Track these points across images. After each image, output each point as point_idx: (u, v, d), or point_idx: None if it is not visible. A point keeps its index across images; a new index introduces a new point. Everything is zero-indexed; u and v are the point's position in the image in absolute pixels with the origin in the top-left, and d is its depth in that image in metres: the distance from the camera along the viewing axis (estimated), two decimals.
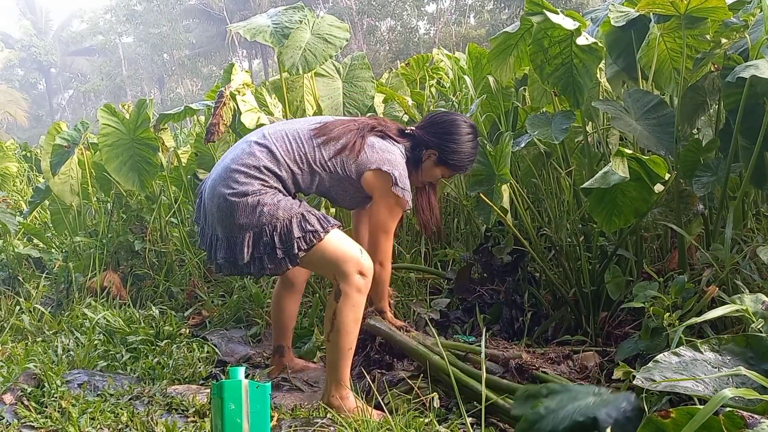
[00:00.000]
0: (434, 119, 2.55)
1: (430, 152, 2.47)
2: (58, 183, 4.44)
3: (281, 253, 2.21)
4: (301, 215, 2.23)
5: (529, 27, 2.67)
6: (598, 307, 2.78)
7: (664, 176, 2.28)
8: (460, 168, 2.56)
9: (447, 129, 2.48)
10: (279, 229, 2.20)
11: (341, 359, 2.28)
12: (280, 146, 2.32)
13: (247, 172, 2.25)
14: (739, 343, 1.58)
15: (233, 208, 2.22)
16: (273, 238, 2.20)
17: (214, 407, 1.68)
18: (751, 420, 1.18)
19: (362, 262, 2.26)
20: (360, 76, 3.64)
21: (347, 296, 2.23)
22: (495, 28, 23.49)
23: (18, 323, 3.49)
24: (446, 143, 2.46)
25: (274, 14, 3.25)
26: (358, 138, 2.35)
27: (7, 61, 41.20)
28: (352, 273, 2.24)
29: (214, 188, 2.30)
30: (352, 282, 2.24)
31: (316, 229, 2.22)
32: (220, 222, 2.27)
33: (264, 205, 2.21)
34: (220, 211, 2.26)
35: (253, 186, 2.23)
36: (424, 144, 2.47)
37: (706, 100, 2.75)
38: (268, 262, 2.23)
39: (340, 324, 2.24)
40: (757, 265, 2.43)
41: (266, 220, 2.20)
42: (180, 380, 2.67)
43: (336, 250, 2.25)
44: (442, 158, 2.48)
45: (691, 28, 2.57)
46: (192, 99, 29.48)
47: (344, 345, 2.26)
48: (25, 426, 2.13)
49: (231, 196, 2.23)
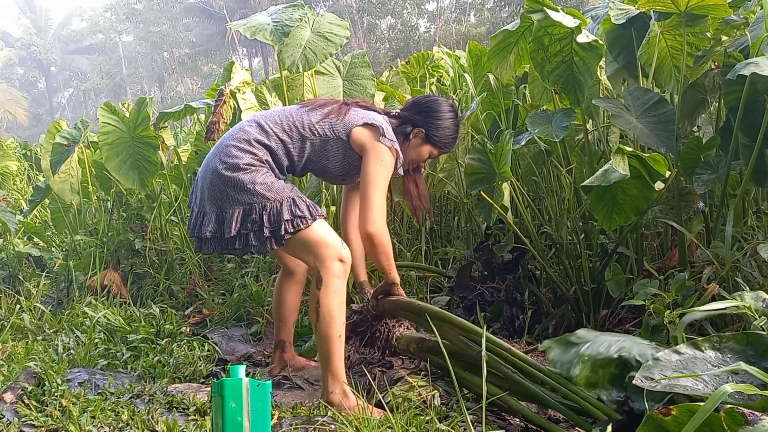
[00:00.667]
0: (417, 100, 2.66)
1: (417, 130, 2.55)
2: (58, 181, 4.44)
3: (268, 232, 2.26)
4: (291, 200, 2.29)
5: (529, 25, 2.67)
6: (599, 304, 2.78)
7: (665, 174, 2.28)
8: (445, 145, 2.61)
9: (430, 107, 2.57)
10: (269, 208, 2.27)
11: (332, 348, 2.29)
12: (269, 120, 2.42)
13: (238, 145, 2.34)
14: (740, 340, 1.58)
15: (226, 182, 2.29)
16: (262, 216, 2.26)
17: (214, 406, 1.68)
18: (751, 417, 1.18)
19: (342, 251, 2.31)
20: (360, 75, 3.64)
21: (327, 283, 2.27)
22: (495, 26, 23.48)
23: (18, 322, 3.49)
24: (431, 120, 2.55)
25: (274, 12, 3.25)
26: (343, 105, 2.48)
27: (7, 60, 41.19)
28: (331, 259, 2.28)
29: (207, 165, 2.39)
30: (331, 268, 2.27)
31: (304, 215, 2.28)
32: (212, 197, 2.32)
33: (256, 183, 2.28)
34: (212, 185, 2.32)
35: (245, 159, 2.30)
36: (411, 122, 2.56)
37: (706, 97, 2.76)
38: (253, 239, 2.28)
39: (325, 311, 2.26)
40: (757, 263, 2.43)
41: (257, 198, 2.27)
42: (180, 379, 2.68)
43: (318, 238, 2.30)
44: (428, 135, 2.55)
45: (691, 25, 2.57)
46: (192, 97, 29.49)
47: (333, 332, 2.27)
48: (25, 425, 2.13)
49: (224, 170, 2.30)
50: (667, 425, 1.29)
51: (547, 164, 3.17)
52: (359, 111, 2.48)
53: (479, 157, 2.83)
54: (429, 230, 3.93)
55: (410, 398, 2.26)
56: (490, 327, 2.85)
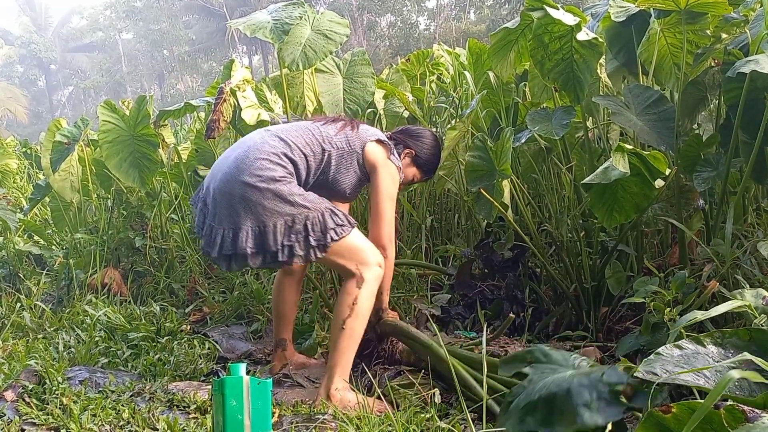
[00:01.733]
0: (407, 128, 2.86)
1: (408, 151, 2.72)
2: (58, 180, 4.44)
3: (313, 241, 2.30)
4: (329, 209, 2.35)
5: (529, 22, 2.67)
6: (599, 302, 2.78)
7: (665, 171, 2.28)
8: (428, 171, 2.81)
9: (420, 134, 2.78)
10: (312, 218, 2.30)
11: (351, 346, 2.35)
12: (288, 134, 2.45)
13: (269, 158, 2.34)
14: (743, 336, 1.58)
15: (263, 195, 2.27)
16: (306, 226, 2.29)
17: (215, 404, 1.68)
18: (751, 414, 1.18)
19: (380, 257, 2.42)
20: (360, 72, 3.64)
21: (368, 283, 2.35)
22: (495, 24, 23.46)
23: (19, 320, 3.49)
24: (419, 143, 2.74)
25: (274, 10, 3.24)
26: (352, 121, 2.61)
27: (7, 58, 41.17)
28: (374, 263, 2.38)
29: (233, 180, 2.31)
30: (374, 271, 2.37)
31: (344, 223, 2.36)
32: (247, 211, 2.28)
33: (294, 195, 2.30)
34: (246, 200, 2.28)
35: (278, 171, 2.32)
36: (403, 143, 2.72)
37: (706, 95, 2.75)
38: (299, 249, 2.30)
39: (359, 310, 2.33)
40: (757, 260, 2.43)
41: (299, 209, 2.29)
42: (181, 377, 2.68)
43: (359, 243, 2.40)
44: (417, 158, 2.73)
45: (691, 23, 2.57)
46: (192, 95, 29.46)
47: (359, 331, 2.35)
48: (26, 423, 2.13)
49: (259, 183, 2.28)
50: (667, 423, 1.30)
51: (547, 162, 3.17)
52: (368, 128, 2.62)
53: (479, 155, 2.83)
54: (429, 228, 3.93)
55: (410, 396, 2.27)
56: (490, 325, 2.85)
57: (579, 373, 1.73)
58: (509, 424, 1.77)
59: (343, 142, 2.49)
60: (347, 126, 2.54)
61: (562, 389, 1.69)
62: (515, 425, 1.76)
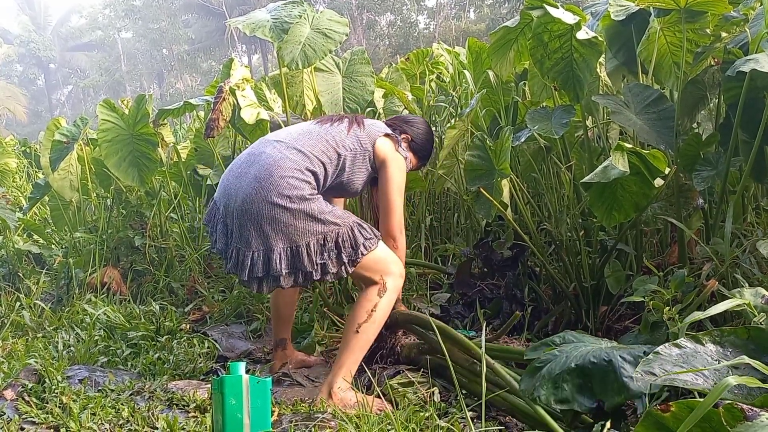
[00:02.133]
0: (399, 116, 2.94)
1: (404, 136, 2.72)
2: (57, 179, 4.44)
3: (345, 258, 2.32)
4: (357, 223, 2.37)
5: (528, 21, 2.67)
6: (598, 301, 2.78)
7: (664, 170, 2.28)
8: (423, 157, 2.82)
9: (413, 120, 2.81)
10: (342, 235, 2.31)
11: (361, 350, 2.37)
12: (303, 144, 2.41)
13: (294, 176, 2.31)
14: (741, 335, 1.58)
15: (294, 216, 2.26)
16: (337, 243, 2.31)
17: (214, 402, 1.68)
18: (750, 413, 1.18)
19: (401, 266, 2.48)
20: (360, 71, 3.63)
21: (389, 293, 2.39)
22: (495, 23, 23.45)
23: (18, 319, 3.49)
24: (414, 129, 2.76)
25: (273, 9, 3.24)
26: (356, 117, 2.62)
27: (6, 57, 41.12)
28: (397, 273, 2.43)
29: (260, 200, 2.26)
30: (397, 281, 2.43)
31: (372, 236, 2.38)
32: (278, 232, 2.25)
33: (324, 212, 2.30)
34: (276, 221, 2.25)
35: (306, 189, 2.31)
36: (400, 129, 2.73)
37: (706, 94, 2.75)
38: (331, 266, 2.31)
39: (376, 317, 2.36)
40: (756, 259, 2.43)
41: (330, 227, 2.30)
42: (180, 376, 2.68)
43: (386, 254, 2.44)
44: (413, 143, 2.74)
45: (691, 22, 2.57)
46: (191, 94, 29.45)
47: (372, 337, 2.38)
48: (26, 422, 2.13)
49: (291, 203, 2.26)
50: (666, 422, 1.30)
51: (546, 161, 3.17)
52: (372, 121, 2.64)
53: (479, 154, 2.82)
54: (429, 227, 3.93)
55: (409, 395, 2.27)
56: (489, 324, 2.85)
57: (616, 347, 1.81)
58: (544, 390, 1.81)
59: (355, 143, 2.49)
60: (354, 124, 2.55)
61: (602, 359, 1.74)
62: (549, 391, 1.80)
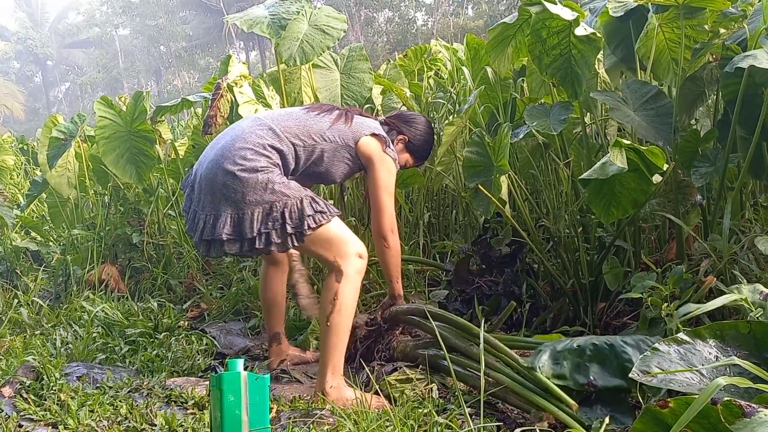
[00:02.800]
0: (401, 113, 2.89)
1: (401, 137, 2.74)
2: (55, 176, 4.43)
3: (290, 229, 2.29)
4: (310, 197, 2.34)
5: (527, 17, 2.66)
6: (597, 297, 2.78)
7: (662, 167, 2.28)
8: (420, 157, 2.84)
9: (415, 119, 2.81)
10: (289, 206, 2.29)
11: (339, 342, 2.32)
12: (280, 124, 2.44)
13: (254, 149, 2.34)
14: (743, 329, 1.58)
15: (243, 184, 2.28)
16: (283, 214, 2.28)
17: (213, 399, 1.68)
18: (748, 409, 1.18)
19: (361, 247, 2.39)
20: (358, 68, 3.63)
21: (348, 276, 2.32)
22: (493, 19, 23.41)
23: (16, 316, 3.49)
24: (413, 130, 2.77)
25: (271, 5, 3.23)
26: (347, 111, 2.60)
27: (3, 54, 41.00)
28: (353, 254, 2.35)
29: (217, 167, 2.34)
30: (353, 263, 2.34)
31: (324, 211, 2.33)
32: (227, 198, 2.30)
33: (274, 183, 2.30)
34: (227, 188, 2.30)
35: (261, 162, 2.32)
36: (397, 129, 2.74)
37: (704, 90, 2.75)
38: (275, 237, 2.29)
39: (342, 304, 2.31)
40: (754, 256, 2.43)
41: (278, 197, 2.29)
42: (179, 372, 2.68)
43: (339, 233, 2.37)
44: (410, 144, 2.76)
45: (689, 18, 2.57)
46: (189, 91, 29.41)
47: (344, 326, 2.32)
48: (24, 419, 2.13)
49: (240, 172, 2.29)
50: (665, 417, 1.30)
51: (545, 157, 3.17)
52: (363, 119, 2.60)
53: (477, 150, 2.82)
54: (427, 224, 3.93)
55: (407, 391, 2.27)
56: (488, 320, 2.85)
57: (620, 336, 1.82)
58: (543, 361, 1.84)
59: (336, 136, 2.48)
60: (341, 118, 2.53)
61: (603, 342, 1.79)
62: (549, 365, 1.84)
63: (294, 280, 2.76)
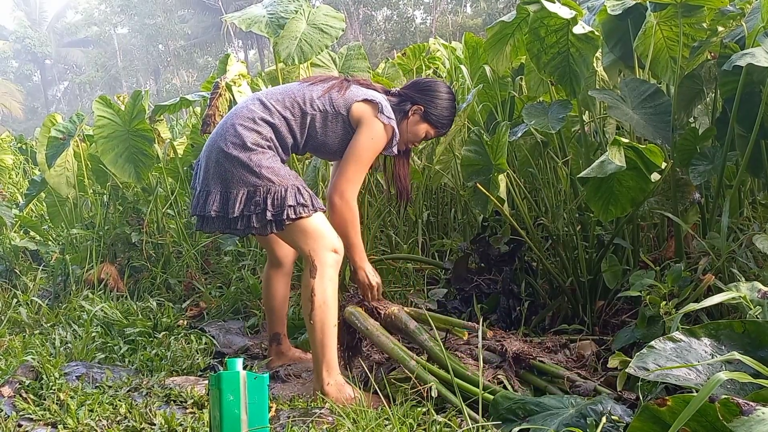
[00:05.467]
0: (417, 81, 2.72)
1: (416, 107, 2.58)
2: (54, 175, 4.43)
3: (270, 215, 2.29)
4: (296, 187, 2.32)
5: (525, 16, 2.66)
6: (595, 296, 2.78)
7: (661, 165, 2.28)
8: (441, 126, 2.65)
9: (430, 87, 2.62)
10: (273, 192, 2.29)
11: (327, 337, 2.31)
12: (270, 97, 2.45)
13: (243, 123, 2.36)
14: (737, 328, 1.58)
15: (232, 162, 2.31)
16: (266, 199, 2.28)
17: (212, 398, 1.68)
18: (746, 407, 1.18)
19: (336, 242, 2.36)
20: (356, 66, 3.63)
21: (321, 272, 2.31)
22: (491, 18, 23.41)
23: (15, 316, 3.49)
24: (430, 98, 2.59)
25: (270, 4, 3.23)
26: (344, 81, 2.53)
27: (2, 53, 40.96)
28: (326, 249, 2.33)
29: (213, 144, 2.40)
30: (325, 258, 2.32)
31: (306, 204, 2.32)
32: (218, 175, 2.34)
33: (262, 167, 2.30)
34: (218, 165, 2.34)
35: (250, 137, 2.33)
36: (411, 100, 2.59)
37: (702, 88, 2.75)
38: (255, 221, 2.30)
39: (320, 300, 2.30)
40: (753, 254, 2.44)
41: (263, 181, 2.29)
42: (178, 372, 2.68)
43: (316, 228, 2.35)
44: (427, 113, 2.58)
45: (687, 16, 2.57)
46: (188, 90, 29.39)
47: (328, 321, 2.31)
48: (23, 418, 2.13)
49: (230, 149, 2.32)
50: (663, 416, 1.30)
51: (543, 156, 3.17)
52: (360, 88, 2.52)
53: (476, 149, 2.82)
54: (426, 222, 3.93)
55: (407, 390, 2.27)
56: (487, 319, 2.85)
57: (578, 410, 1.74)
58: None
59: (326, 104, 2.43)
60: (335, 88, 2.46)
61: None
62: None
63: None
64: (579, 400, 1.79)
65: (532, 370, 2.33)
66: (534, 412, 1.84)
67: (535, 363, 2.33)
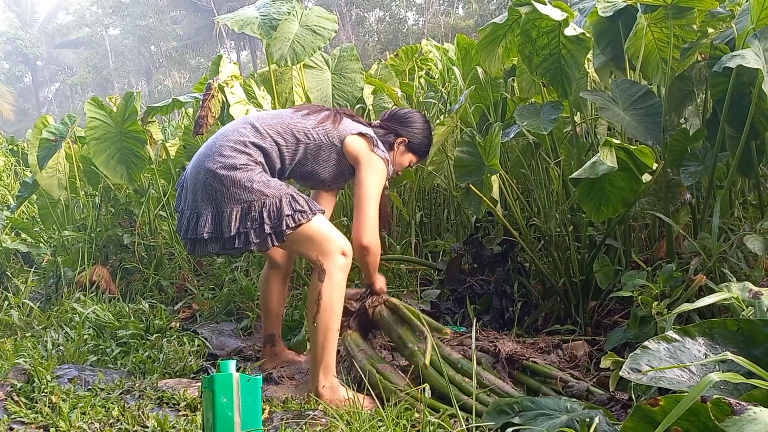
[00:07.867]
0: (395, 113, 2.78)
1: (401, 139, 2.68)
2: (45, 177, 4.41)
3: (269, 228, 2.26)
4: (290, 195, 2.31)
5: (517, 18, 2.67)
6: (587, 296, 2.79)
7: (652, 166, 2.29)
8: (423, 153, 2.80)
9: (410, 118, 2.73)
10: (268, 205, 2.27)
11: (329, 340, 2.31)
12: (263, 122, 2.44)
13: (234, 146, 2.34)
14: (731, 327, 1.58)
15: (222, 182, 2.28)
16: (261, 213, 2.26)
17: (205, 401, 1.68)
18: (738, 407, 1.19)
19: (344, 243, 2.35)
20: (349, 68, 3.63)
21: (331, 275, 2.30)
22: (483, 19, 23.44)
23: (7, 318, 3.47)
24: (411, 130, 2.70)
25: (262, 6, 3.23)
26: (337, 113, 2.56)
27: None
28: (335, 252, 2.31)
29: (199, 166, 2.36)
30: (335, 261, 2.31)
31: (304, 209, 2.30)
32: (208, 197, 2.30)
33: (253, 181, 2.28)
34: (207, 185, 2.31)
35: (240, 159, 2.31)
36: (394, 132, 2.68)
37: (693, 89, 2.77)
38: (254, 237, 2.27)
39: (326, 303, 2.29)
40: (744, 254, 2.45)
41: (256, 196, 2.27)
42: (171, 374, 2.67)
43: (320, 231, 2.33)
44: (411, 144, 2.70)
45: (678, 18, 2.58)
46: (180, 91, 29.31)
47: (331, 325, 2.31)
48: (15, 422, 2.12)
49: (219, 170, 2.29)
50: (655, 416, 1.30)
51: (535, 157, 3.18)
52: (351, 121, 2.56)
53: (468, 150, 2.83)
54: (419, 223, 3.94)
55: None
56: (480, 319, 2.86)
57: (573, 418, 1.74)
58: None
59: (320, 134, 2.45)
60: (329, 119, 2.50)
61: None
62: None
63: None
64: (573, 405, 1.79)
65: (525, 371, 2.34)
66: (528, 408, 1.85)
67: (528, 363, 2.34)
